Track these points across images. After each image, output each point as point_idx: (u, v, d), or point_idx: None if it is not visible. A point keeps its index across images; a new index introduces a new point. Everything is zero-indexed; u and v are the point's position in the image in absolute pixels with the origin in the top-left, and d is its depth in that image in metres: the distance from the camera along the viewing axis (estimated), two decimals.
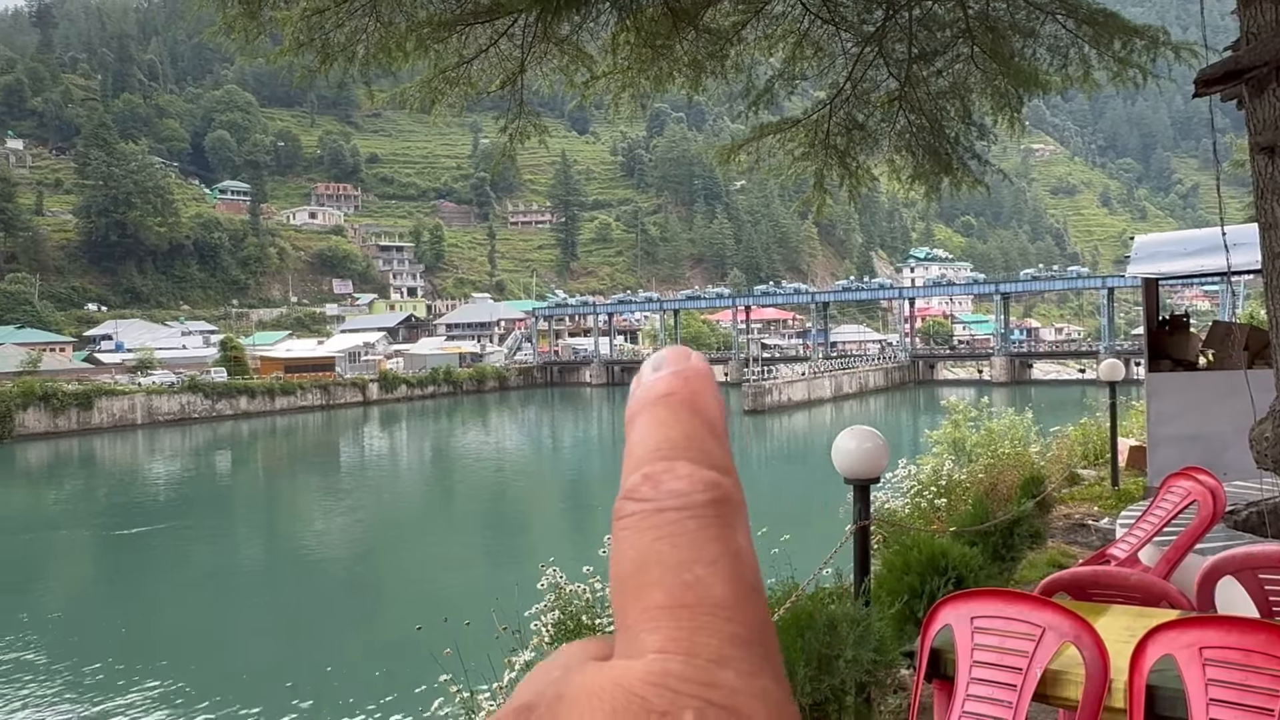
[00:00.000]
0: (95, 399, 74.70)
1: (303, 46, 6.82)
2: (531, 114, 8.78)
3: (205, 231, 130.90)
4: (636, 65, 8.61)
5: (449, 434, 74.26)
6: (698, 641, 0.36)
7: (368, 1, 6.93)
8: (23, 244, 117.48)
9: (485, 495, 45.78)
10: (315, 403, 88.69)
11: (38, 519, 41.51)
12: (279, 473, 57.68)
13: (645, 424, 0.41)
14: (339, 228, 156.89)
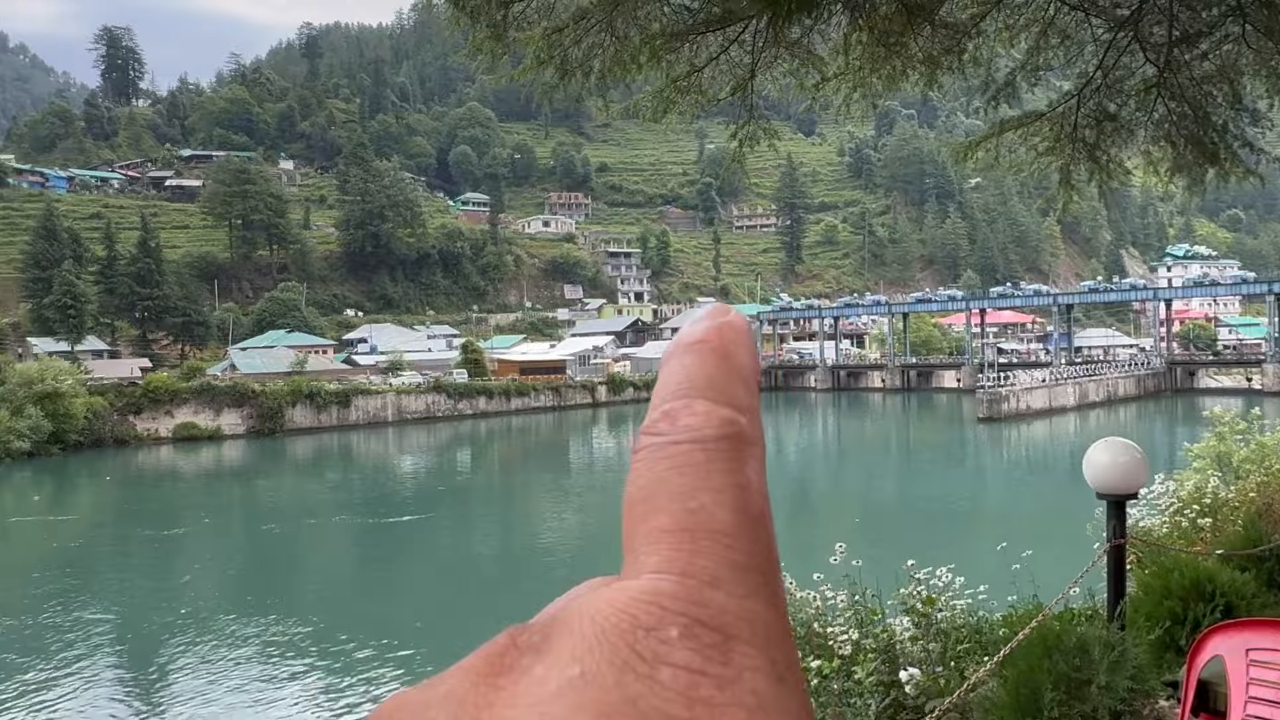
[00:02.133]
0: (353, 397, 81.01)
1: (543, 64, 7.13)
2: (761, 119, 8.78)
3: (449, 241, 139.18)
4: (869, 65, 8.44)
5: None
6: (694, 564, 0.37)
7: (603, 18, 7.15)
8: (293, 255, 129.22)
9: None
10: (547, 404, 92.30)
11: (303, 507, 45.44)
12: (514, 469, 60.48)
13: (673, 367, 0.44)
14: (570, 235, 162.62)
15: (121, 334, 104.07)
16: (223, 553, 35.63)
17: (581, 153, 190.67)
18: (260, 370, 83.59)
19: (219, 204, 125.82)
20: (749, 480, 0.40)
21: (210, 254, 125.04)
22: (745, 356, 0.44)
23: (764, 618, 0.37)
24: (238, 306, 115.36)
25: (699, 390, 0.42)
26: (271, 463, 63.65)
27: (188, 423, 72.23)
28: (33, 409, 61.95)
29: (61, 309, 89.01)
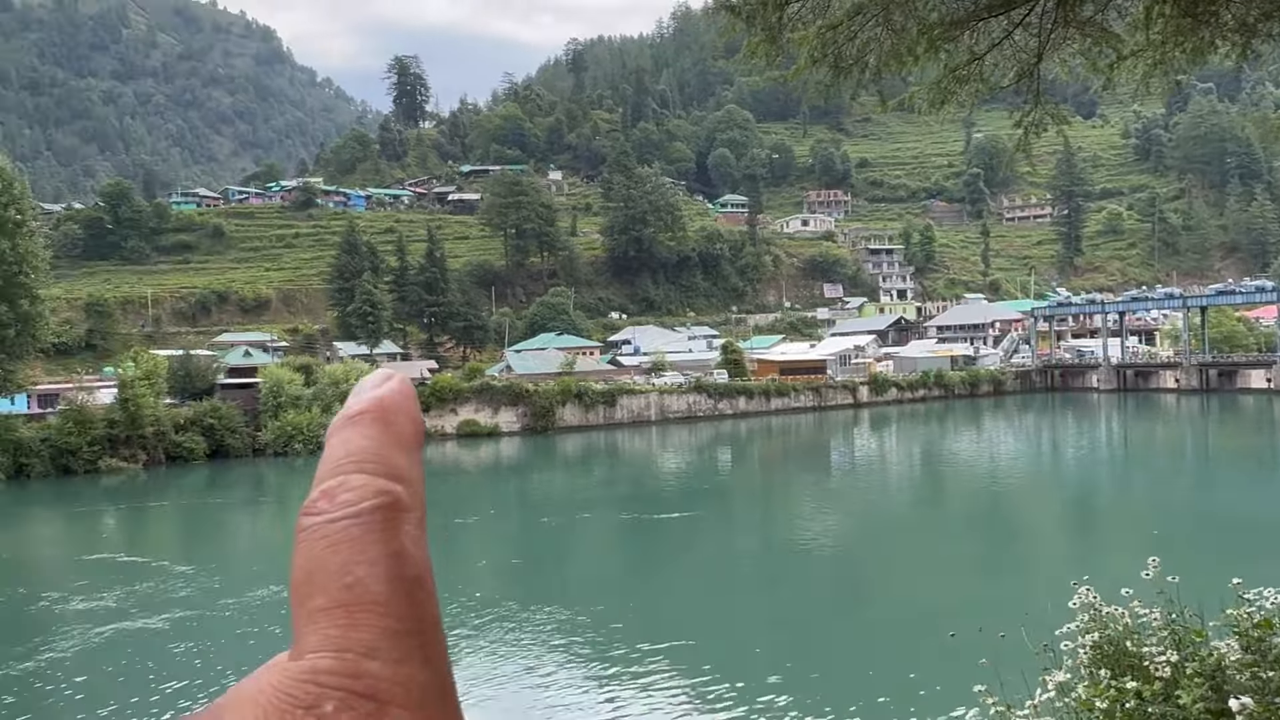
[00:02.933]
0: (618, 397, 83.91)
1: (817, 63, 7.06)
2: (1049, 105, 8.28)
3: (708, 243, 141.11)
4: (1172, 38, 7.75)
5: (940, 438, 72.55)
6: (350, 637, 0.41)
7: (879, 12, 7.00)
8: (561, 261, 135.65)
9: (980, 503, 44.04)
10: (807, 404, 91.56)
11: (575, 501, 47.54)
12: (775, 470, 60.41)
13: (335, 442, 0.48)
14: (829, 233, 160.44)
15: (412, 338, 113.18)
16: (505, 542, 37.94)
17: (841, 149, 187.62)
18: (533, 371, 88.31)
19: (495, 215, 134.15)
20: (403, 547, 0.44)
21: (488, 262, 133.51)
22: (406, 423, 0.49)
23: (419, 680, 0.41)
24: (512, 311, 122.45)
25: (357, 464, 0.46)
26: (544, 458, 67.09)
27: (470, 420, 77.45)
28: (339, 406, 68.40)
29: (361, 316, 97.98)
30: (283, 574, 11.59)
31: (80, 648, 22.96)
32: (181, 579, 30.42)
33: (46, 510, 51.88)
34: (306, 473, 61.45)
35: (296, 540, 0.45)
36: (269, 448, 66.75)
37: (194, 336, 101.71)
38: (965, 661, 5.72)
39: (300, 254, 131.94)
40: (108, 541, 41.53)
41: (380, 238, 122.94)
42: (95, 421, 61.07)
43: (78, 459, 59.86)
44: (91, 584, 29.69)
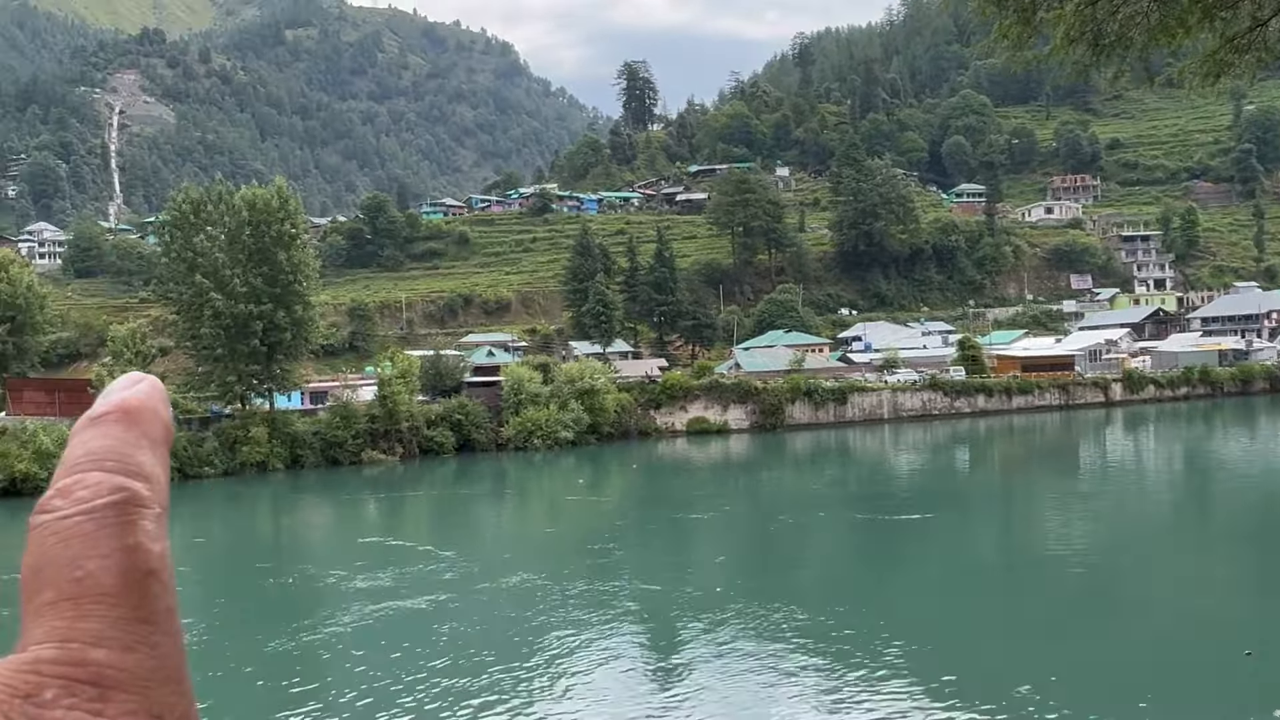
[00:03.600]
0: (849, 395, 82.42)
1: (1074, 42, 6.64)
2: None
3: (942, 235, 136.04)
4: None
5: (1207, 441, 66.60)
6: (77, 628, 0.41)
7: None
8: (789, 258, 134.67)
9: (1255, 514, 40.01)
10: (1053, 402, 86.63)
11: (805, 500, 47.06)
12: (1017, 472, 57.41)
13: (75, 443, 0.48)
14: (1076, 220, 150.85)
15: (642, 336, 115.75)
16: (741, 539, 38.12)
17: (1088, 130, 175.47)
18: (761, 368, 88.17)
19: (722, 214, 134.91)
20: (138, 541, 0.45)
21: (716, 261, 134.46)
22: (151, 422, 0.48)
23: (147, 665, 0.42)
24: (740, 309, 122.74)
25: (95, 462, 0.46)
26: (774, 456, 66.86)
27: (699, 417, 78.31)
28: (575, 403, 71.13)
29: (595, 316, 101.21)
30: (530, 563, 12.21)
31: (359, 623, 24.99)
32: (441, 563, 32.47)
33: (319, 498, 56.88)
34: (545, 467, 64.35)
35: (28, 539, 0.45)
36: (510, 442, 70.15)
37: (443, 337, 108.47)
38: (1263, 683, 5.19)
39: (537, 257, 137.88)
40: (375, 527, 45.01)
41: (612, 239, 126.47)
42: (358, 417, 66.30)
43: (343, 451, 65.19)
44: (364, 565, 32.23)
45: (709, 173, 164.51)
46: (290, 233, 65.33)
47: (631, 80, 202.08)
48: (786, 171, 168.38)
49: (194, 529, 45.66)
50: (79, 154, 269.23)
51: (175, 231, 66.33)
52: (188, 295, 63.98)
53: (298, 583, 32.16)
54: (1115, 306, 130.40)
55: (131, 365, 59.57)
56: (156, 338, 77.50)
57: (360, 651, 22.49)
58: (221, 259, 63.10)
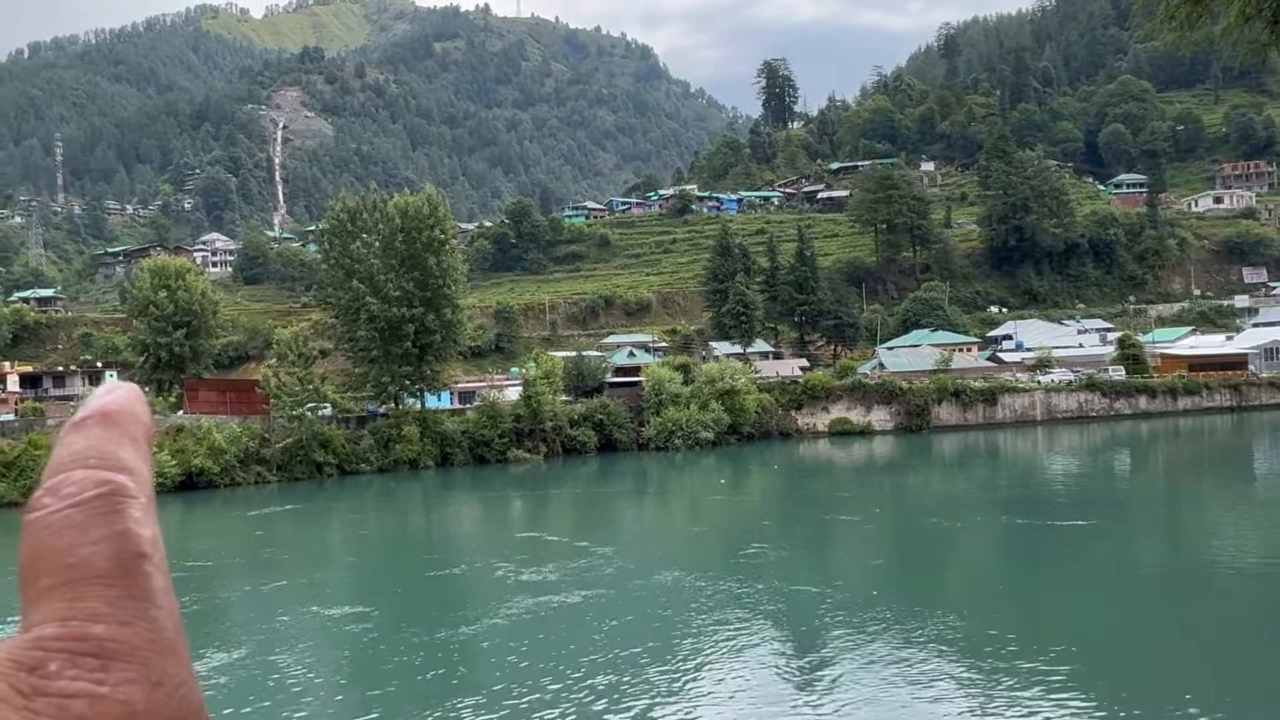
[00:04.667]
0: (999, 395, 79.65)
1: (1250, 20, 6.27)
2: None
3: (1100, 229, 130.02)
4: None
5: None
6: (76, 607, 0.44)
7: None
8: (935, 255, 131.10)
9: None
10: (1224, 404, 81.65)
11: (950, 503, 45.74)
12: (1183, 477, 54.32)
13: (60, 447, 0.51)
14: (1250, 210, 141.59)
15: (783, 336, 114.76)
16: (884, 541, 37.38)
17: (1263, 114, 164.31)
18: (906, 368, 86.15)
19: (865, 211, 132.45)
20: (127, 528, 0.47)
21: (858, 259, 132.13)
22: (130, 422, 0.51)
23: (145, 637, 0.44)
24: (883, 307, 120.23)
25: (80, 461, 0.49)
26: (921, 458, 65.20)
27: (841, 418, 77.12)
28: (715, 404, 71.15)
29: (735, 316, 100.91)
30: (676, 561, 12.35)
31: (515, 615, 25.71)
32: (589, 558, 33.06)
33: (468, 494, 58.68)
34: (686, 466, 64.60)
35: (21, 536, 0.48)
36: (651, 442, 70.71)
37: (584, 338, 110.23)
38: None
39: (677, 258, 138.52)
40: (523, 523, 46.20)
41: (751, 239, 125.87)
42: (504, 416, 68.10)
43: (490, 449, 67.07)
44: (516, 560, 33.15)
45: (851, 169, 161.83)
46: (440, 238, 67.63)
47: (771, 78, 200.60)
48: (932, 166, 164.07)
49: (355, 523, 47.88)
50: (247, 168, 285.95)
51: (334, 239, 69.60)
52: (345, 299, 67.01)
53: (455, 576, 33.32)
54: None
55: (295, 367, 62.78)
56: (318, 340, 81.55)
57: (517, 643, 23.13)
58: (376, 264, 65.89)
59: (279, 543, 42.35)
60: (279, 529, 46.37)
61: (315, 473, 61.42)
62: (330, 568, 36.65)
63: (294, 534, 45.45)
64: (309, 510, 51.85)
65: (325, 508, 53.26)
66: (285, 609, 27.72)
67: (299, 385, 61.68)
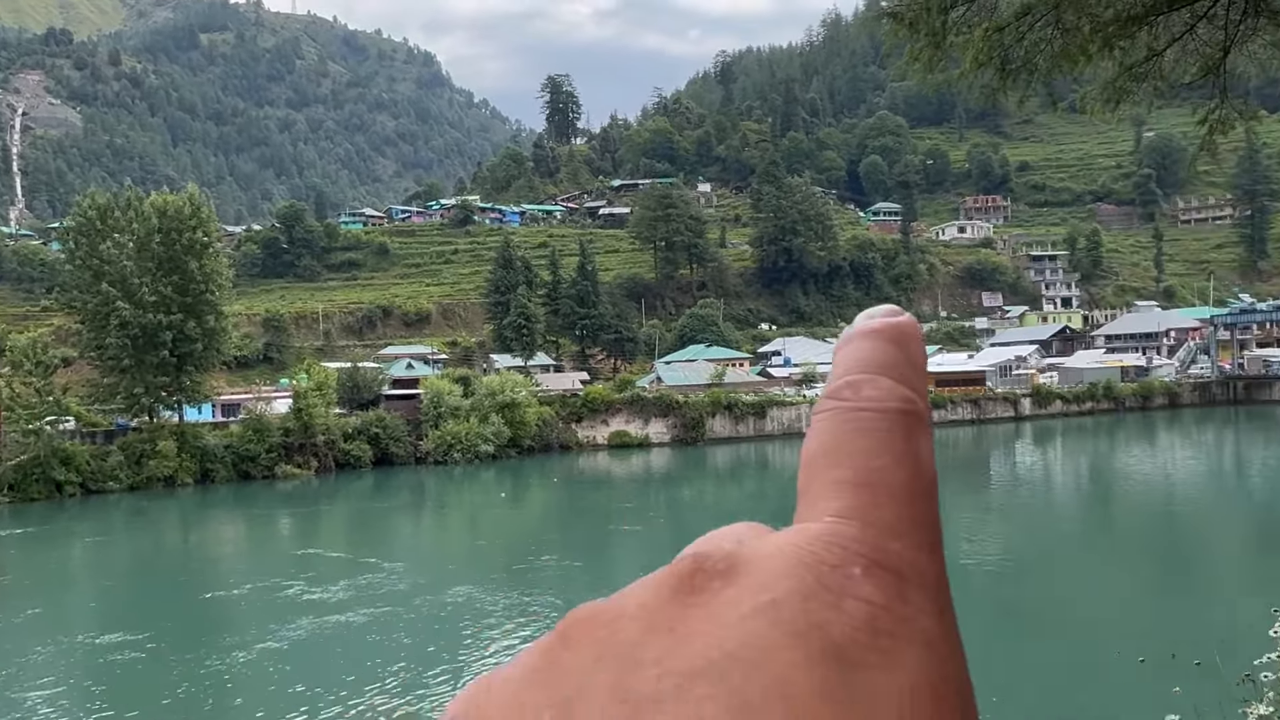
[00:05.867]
0: (768, 408, 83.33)
1: (983, 65, 6.87)
2: (1236, 100, 7.79)
3: (860, 253, 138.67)
4: None
5: (1110, 455, 68.95)
6: (874, 514, 0.42)
7: (1049, 11, 6.74)
8: (711, 273, 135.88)
9: (1157, 524, 41.59)
10: (965, 417, 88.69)
11: (723, 513, 47.26)
12: None
13: (852, 348, 0.49)
14: (988, 240, 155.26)
15: (564, 350, 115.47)
16: (660, 550, 38.17)
17: (1000, 153, 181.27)
18: (683, 382, 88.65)
19: (645, 228, 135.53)
20: (924, 452, 0.46)
21: (638, 275, 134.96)
22: (918, 351, 0.49)
23: (933, 570, 0.42)
24: (661, 323, 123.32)
25: (881, 369, 0.47)
26: (695, 469, 67.21)
27: (620, 431, 78.38)
28: (495, 417, 70.60)
29: (516, 329, 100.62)
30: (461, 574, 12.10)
31: (287, 637, 24.38)
32: (365, 576, 31.85)
33: (231, 513, 55.34)
34: (466, 480, 63.69)
35: (816, 418, 0.47)
36: (430, 456, 69.27)
37: (361, 349, 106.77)
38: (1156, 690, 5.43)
39: (459, 269, 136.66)
40: (292, 541, 44.01)
41: (534, 252, 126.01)
42: (272, 430, 64.81)
43: (256, 465, 63.62)
44: (284, 580, 31.51)
45: (632, 187, 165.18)
46: (202, 241, 63.76)
47: (555, 93, 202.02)
48: (708, 187, 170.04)
49: (103, 545, 44.07)
50: None
51: (80, 238, 64.09)
52: (93, 304, 61.87)
53: (223, 598, 31.33)
54: (1024, 324, 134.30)
55: (33, 376, 57.34)
56: (59, 348, 74.70)
57: (296, 667, 22.02)
58: (130, 267, 61.24)
59: (12, 569, 38.45)
60: (9, 555, 42.08)
61: (55, 492, 56.23)
62: (78, 594, 33.65)
63: (29, 560, 41.39)
64: (47, 533, 47.39)
65: (66, 530, 48.80)
66: (27, 642, 25.19)
67: (37, 396, 56.35)
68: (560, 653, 0.39)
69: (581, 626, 0.40)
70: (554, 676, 0.38)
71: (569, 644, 0.40)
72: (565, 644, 0.40)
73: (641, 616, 0.38)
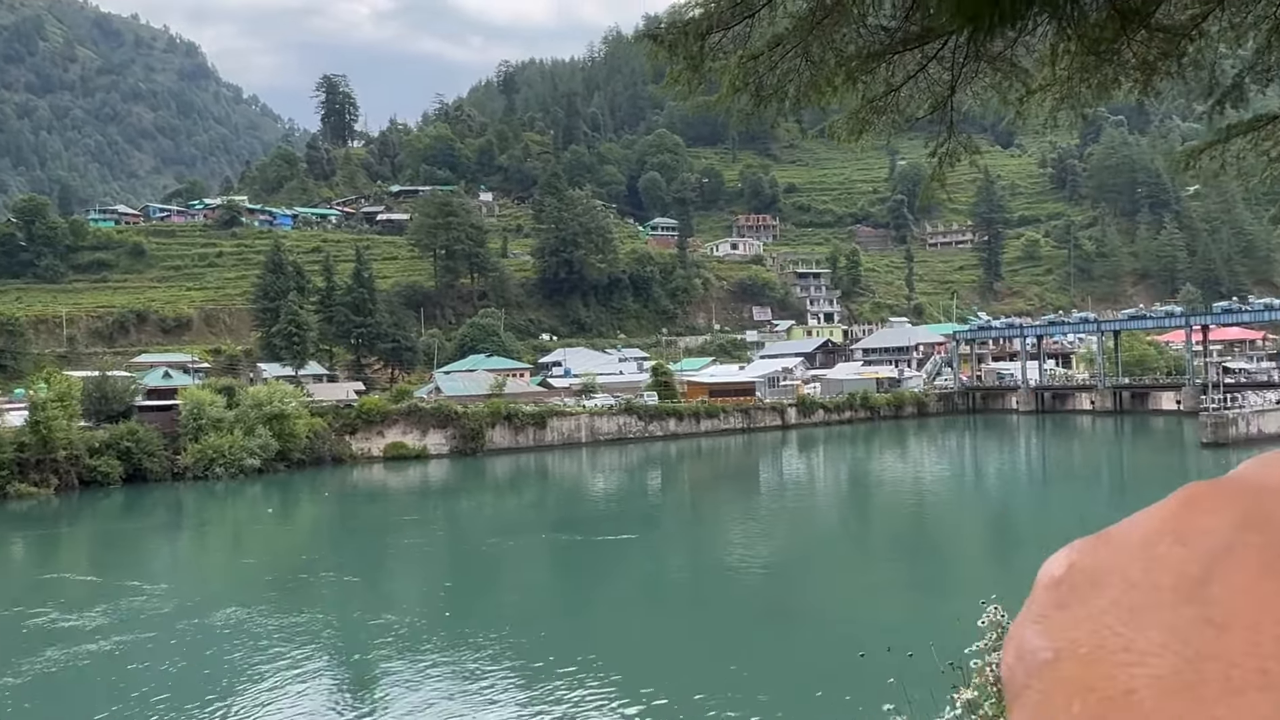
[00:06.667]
0: (548, 419, 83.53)
1: (738, 91, 7.22)
2: (961, 135, 8.56)
3: (639, 266, 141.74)
4: (1078, 75, 8.08)
5: (866, 459, 73.68)
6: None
7: (799, 43, 7.18)
8: (492, 282, 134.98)
9: (904, 523, 44.80)
10: (737, 426, 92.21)
11: (501, 524, 47.15)
12: (705, 492, 60.68)
13: None
14: (759, 257, 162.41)
15: (338, 359, 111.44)
16: (436, 564, 37.43)
17: (769, 174, 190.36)
18: (462, 393, 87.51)
19: (425, 236, 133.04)
20: None
21: (417, 283, 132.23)
22: None
23: None
24: (441, 332, 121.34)
25: None
26: (475, 481, 66.44)
27: (397, 442, 76.40)
28: (262, 429, 67.11)
29: (287, 336, 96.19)
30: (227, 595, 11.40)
31: (42, 669, 22.06)
32: (132, 600, 29.41)
33: None
34: (229, 497, 60.13)
35: None
36: (189, 471, 64.98)
37: (111, 357, 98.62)
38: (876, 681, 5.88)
39: (224, 273, 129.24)
40: (28, 567, 39.99)
41: (307, 257, 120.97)
42: (4, 445, 58.87)
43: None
44: (35, 607, 28.60)
45: (411, 193, 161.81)
46: None
47: (331, 93, 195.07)
48: (490, 197, 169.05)
49: None
50: None
51: None
52: None
53: None
54: (791, 337, 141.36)
55: None
56: None
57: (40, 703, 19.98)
58: None
59: None
60: None
61: None
62: None
63: None
64: None
65: None
66: None
67: None
68: (1191, 516, 0.37)
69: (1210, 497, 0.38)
70: (1190, 535, 0.37)
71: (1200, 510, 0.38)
72: (1194, 509, 0.38)
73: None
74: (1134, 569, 0.38)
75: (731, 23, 7.13)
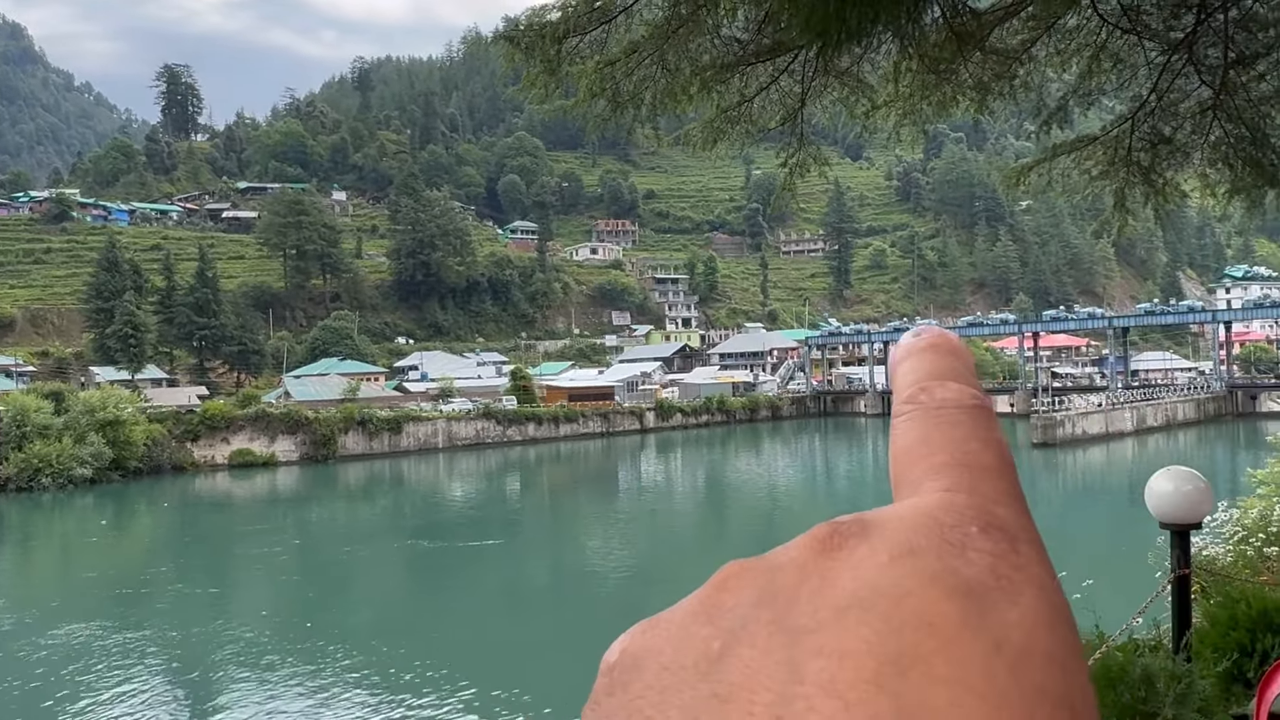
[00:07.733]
0: (404, 424, 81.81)
1: (595, 96, 7.24)
2: (811, 147, 8.82)
3: (498, 269, 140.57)
4: (919, 92, 8.45)
5: (722, 462, 75.08)
6: (978, 487, 0.47)
7: (654, 51, 7.26)
8: (345, 284, 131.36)
9: (758, 523, 45.86)
10: (596, 430, 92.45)
11: (355, 532, 45.91)
12: (564, 496, 60.62)
13: (915, 361, 0.55)
14: (618, 262, 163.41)
15: (180, 363, 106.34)
16: (285, 575, 36.08)
17: (629, 180, 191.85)
18: (314, 397, 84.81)
19: (274, 235, 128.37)
20: (1002, 439, 0.51)
21: (265, 284, 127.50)
22: (970, 359, 0.56)
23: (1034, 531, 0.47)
24: (292, 335, 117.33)
25: (947, 375, 0.53)
26: (326, 488, 64.43)
27: (243, 449, 73.42)
28: (95, 436, 63.37)
29: (122, 339, 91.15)
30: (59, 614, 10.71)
31: None
32: None
33: None
34: (57, 508, 56.49)
35: (897, 421, 0.52)
36: (12, 482, 60.73)
37: None
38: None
39: (52, 271, 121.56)
40: None
41: (145, 255, 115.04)
42: None
43: None
44: None
45: (260, 191, 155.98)
46: None
47: (172, 84, 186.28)
48: (344, 196, 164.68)
49: None
50: None
51: None
52: None
53: None
54: (650, 341, 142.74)
55: None
56: None
57: None
58: None
59: None
60: None
61: None
62: None
63: None
64: None
65: None
66: None
67: None
68: (720, 596, 0.43)
69: (738, 576, 0.44)
70: (717, 614, 0.42)
71: (727, 590, 0.44)
72: (723, 590, 0.44)
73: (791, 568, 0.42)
74: (668, 650, 0.42)
75: (589, 28, 7.15)
